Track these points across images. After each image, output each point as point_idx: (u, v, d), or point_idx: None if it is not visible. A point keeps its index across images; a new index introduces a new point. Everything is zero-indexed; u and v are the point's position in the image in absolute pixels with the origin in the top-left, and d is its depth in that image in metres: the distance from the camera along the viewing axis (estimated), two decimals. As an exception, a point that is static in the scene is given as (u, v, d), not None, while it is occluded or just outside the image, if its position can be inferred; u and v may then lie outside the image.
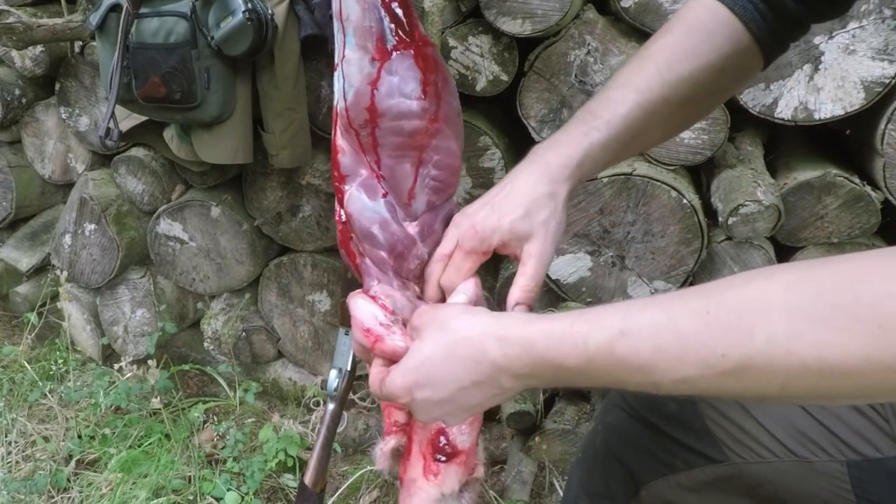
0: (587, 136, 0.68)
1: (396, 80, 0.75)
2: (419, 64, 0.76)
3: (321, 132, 1.34)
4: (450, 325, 0.60)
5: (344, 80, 0.76)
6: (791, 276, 0.43)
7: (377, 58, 0.75)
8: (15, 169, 1.80)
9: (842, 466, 0.66)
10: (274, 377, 1.75)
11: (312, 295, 1.60)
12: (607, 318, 0.50)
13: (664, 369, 0.46)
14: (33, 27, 1.35)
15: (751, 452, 0.70)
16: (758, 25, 0.68)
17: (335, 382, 1.05)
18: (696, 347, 0.44)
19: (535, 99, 1.21)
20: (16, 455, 1.55)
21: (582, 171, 0.70)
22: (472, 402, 0.59)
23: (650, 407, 0.78)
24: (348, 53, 0.75)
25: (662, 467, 0.76)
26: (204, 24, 1.16)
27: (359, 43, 0.75)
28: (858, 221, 1.17)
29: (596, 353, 0.49)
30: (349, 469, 1.54)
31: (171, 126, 1.39)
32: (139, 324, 1.75)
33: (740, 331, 0.42)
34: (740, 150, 1.22)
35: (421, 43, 0.77)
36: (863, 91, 1.07)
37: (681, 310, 0.46)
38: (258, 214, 1.53)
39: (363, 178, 0.76)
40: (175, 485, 1.46)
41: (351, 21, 0.75)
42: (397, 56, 0.75)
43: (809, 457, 0.67)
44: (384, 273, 0.75)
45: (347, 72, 0.75)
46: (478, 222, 0.70)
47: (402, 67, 0.75)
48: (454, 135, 0.78)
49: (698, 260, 1.22)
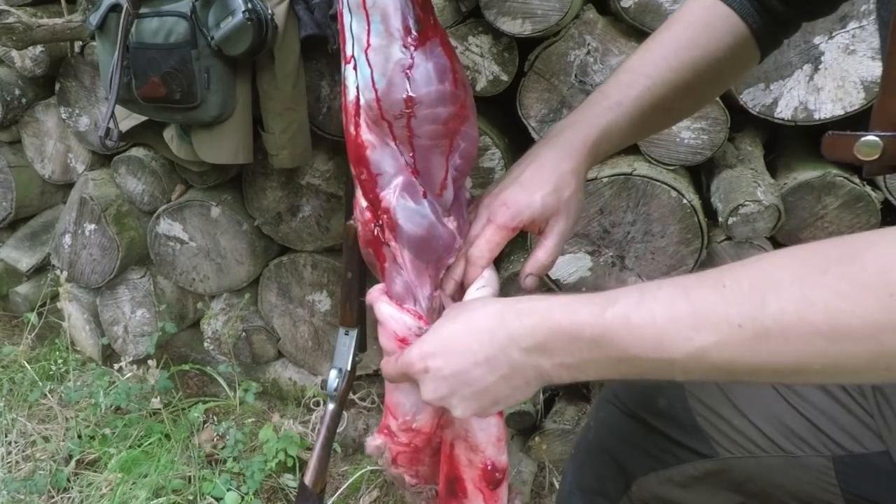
0: (603, 116, 0.70)
1: (431, 66, 0.71)
2: (446, 51, 0.73)
3: (321, 132, 1.34)
4: (472, 304, 0.63)
5: (371, 69, 0.71)
6: (800, 251, 0.44)
7: (409, 44, 0.71)
8: (15, 169, 1.80)
9: (827, 461, 0.67)
10: (274, 377, 1.75)
11: (312, 295, 1.60)
12: (625, 292, 0.51)
13: (679, 340, 0.46)
14: (33, 27, 1.35)
15: (739, 448, 0.71)
16: (754, 21, 0.71)
17: (335, 382, 1.05)
18: (712, 316, 0.45)
19: (535, 99, 1.20)
20: (16, 455, 1.55)
21: (598, 149, 0.71)
22: (481, 384, 0.57)
23: (641, 403, 0.79)
24: (374, 41, 0.71)
25: (653, 462, 0.77)
26: (204, 24, 1.16)
27: (387, 29, 0.71)
28: (858, 221, 1.17)
29: (612, 322, 0.49)
30: (349, 469, 1.54)
31: (171, 126, 1.39)
32: (139, 324, 1.75)
33: (753, 300, 0.43)
34: (740, 150, 1.22)
35: (443, 32, 0.75)
36: (863, 91, 1.07)
37: (696, 284, 0.47)
38: (258, 214, 1.53)
39: (402, 178, 0.73)
40: (175, 485, 1.46)
41: (377, 7, 0.70)
42: (430, 42, 0.72)
43: (796, 452, 0.68)
44: (420, 276, 0.73)
45: (374, 60, 0.71)
46: (509, 198, 0.70)
47: (433, 54, 0.72)
48: (476, 122, 0.77)
49: (698, 260, 1.22)
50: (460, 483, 0.75)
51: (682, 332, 0.46)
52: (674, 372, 0.48)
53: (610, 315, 0.50)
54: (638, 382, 0.82)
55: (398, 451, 0.77)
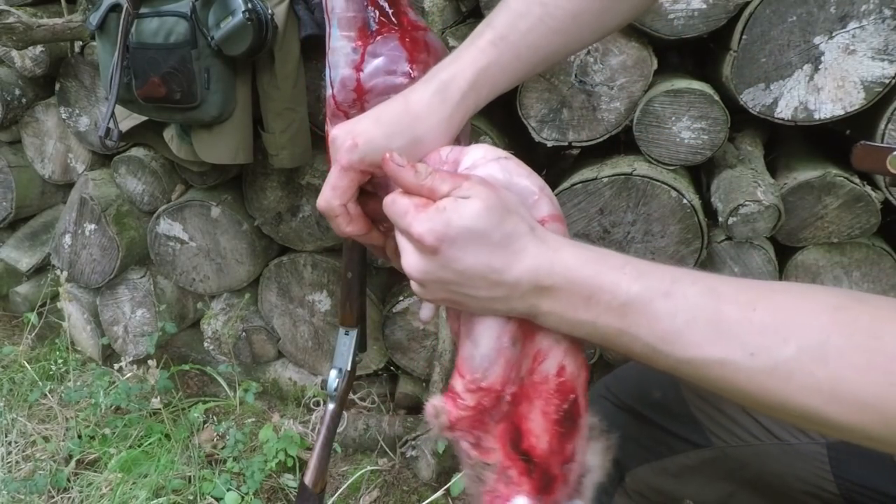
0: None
1: (380, 61, 0.78)
2: (405, 45, 0.79)
3: (321, 132, 1.34)
4: (504, 202, 0.52)
5: (330, 69, 0.79)
6: (841, 301, 0.45)
7: (360, 44, 0.79)
8: (15, 169, 1.80)
9: (821, 448, 0.68)
10: (274, 377, 1.75)
11: (312, 295, 1.60)
12: (658, 273, 0.49)
13: (689, 344, 0.46)
14: (33, 27, 1.35)
15: (734, 437, 0.72)
16: None
17: (335, 382, 1.05)
18: (729, 337, 0.45)
19: (535, 99, 1.20)
20: (16, 455, 1.55)
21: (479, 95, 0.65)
22: (472, 287, 0.51)
23: (635, 396, 0.80)
24: (333, 44, 0.79)
25: (647, 454, 0.78)
26: (204, 24, 1.16)
27: (343, 33, 0.79)
28: (858, 221, 1.17)
29: (635, 300, 0.48)
30: (349, 469, 1.54)
31: (171, 126, 1.39)
32: (139, 324, 1.75)
33: (776, 337, 0.43)
34: (740, 150, 1.22)
35: (410, 27, 0.81)
36: (863, 91, 1.07)
37: (729, 298, 0.46)
38: (258, 214, 1.53)
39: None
40: (175, 485, 1.46)
41: (335, 13, 0.79)
42: (381, 39, 0.79)
43: (790, 439, 0.69)
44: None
45: (333, 61, 0.79)
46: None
47: (385, 49, 0.79)
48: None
49: (698, 260, 1.22)
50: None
51: (696, 338, 0.46)
52: (666, 366, 0.48)
53: (634, 292, 0.48)
54: (630, 375, 0.83)
55: (459, 416, 0.66)
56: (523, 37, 0.63)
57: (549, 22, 0.63)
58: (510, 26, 0.63)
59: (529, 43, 0.64)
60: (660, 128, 1.16)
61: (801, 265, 1.24)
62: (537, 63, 0.67)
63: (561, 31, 0.65)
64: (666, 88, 1.14)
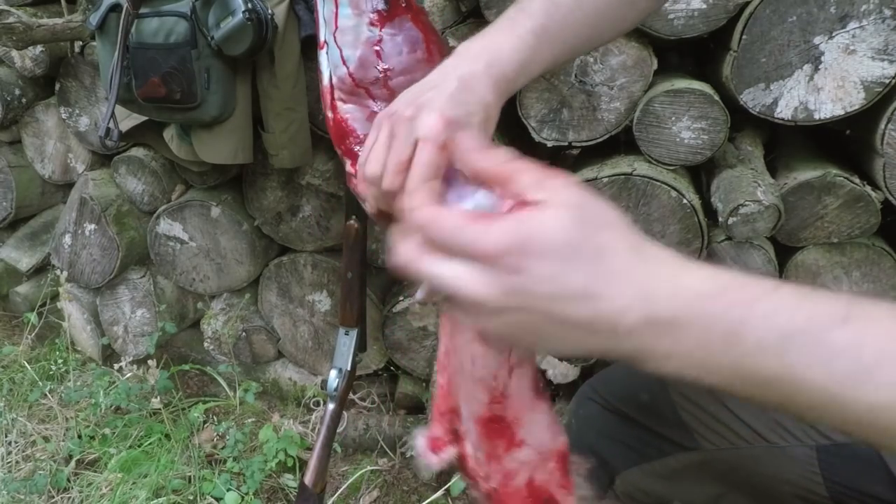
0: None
1: (400, 39, 0.78)
2: (419, 26, 0.79)
3: (321, 132, 1.34)
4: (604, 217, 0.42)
5: (340, 49, 0.77)
6: None
7: (375, 22, 0.78)
8: (15, 169, 1.80)
9: (811, 451, 0.67)
10: (274, 377, 1.75)
11: (312, 295, 1.60)
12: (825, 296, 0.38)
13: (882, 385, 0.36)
14: (33, 27, 1.35)
15: (722, 440, 0.71)
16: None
17: (335, 382, 1.06)
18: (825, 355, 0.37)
19: (535, 99, 1.20)
20: (16, 455, 1.55)
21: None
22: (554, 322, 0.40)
23: (623, 398, 0.79)
24: (342, 23, 0.78)
25: (636, 456, 0.77)
26: (204, 24, 1.16)
27: (354, 12, 0.78)
28: (858, 221, 1.17)
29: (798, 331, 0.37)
30: (349, 469, 1.54)
31: (171, 126, 1.39)
32: (139, 324, 1.75)
33: (866, 364, 0.36)
34: (740, 150, 1.22)
35: (418, 11, 0.82)
36: (863, 91, 1.07)
37: (837, 322, 0.37)
38: (258, 214, 1.53)
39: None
40: (175, 485, 1.46)
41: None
42: (398, 19, 0.79)
43: (780, 442, 0.68)
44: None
45: (343, 41, 0.77)
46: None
47: (403, 28, 0.79)
48: None
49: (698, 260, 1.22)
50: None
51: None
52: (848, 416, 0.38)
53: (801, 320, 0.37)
54: (618, 377, 0.83)
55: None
56: (561, 29, 0.60)
57: (578, 14, 0.61)
58: (548, 15, 0.59)
59: (564, 37, 0.61)
60: (660, 128, 1.16)
61: (801, 265, 1.24)
62: (563, 56, 0.64)
63: (588, 25, 0.63)
64: (666, 88, 1.14)
